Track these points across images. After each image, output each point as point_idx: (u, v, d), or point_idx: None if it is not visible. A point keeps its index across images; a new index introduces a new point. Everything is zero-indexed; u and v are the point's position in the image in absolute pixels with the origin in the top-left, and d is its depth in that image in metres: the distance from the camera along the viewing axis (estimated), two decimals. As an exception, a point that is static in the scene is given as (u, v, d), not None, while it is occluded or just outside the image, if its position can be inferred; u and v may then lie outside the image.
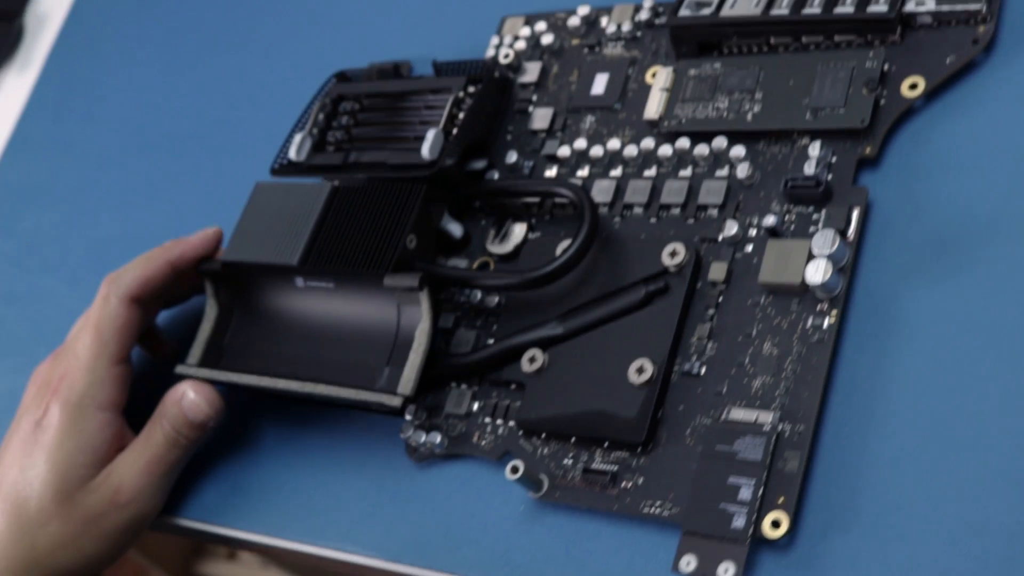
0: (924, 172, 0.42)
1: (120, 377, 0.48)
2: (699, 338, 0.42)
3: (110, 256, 0.60)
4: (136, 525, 0.48)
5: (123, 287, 0.49)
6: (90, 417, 0.47)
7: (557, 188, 0.46)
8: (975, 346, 0.38)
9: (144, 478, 0.47)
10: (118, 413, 0.49)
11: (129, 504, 0.47)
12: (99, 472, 0.47)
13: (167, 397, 0.48)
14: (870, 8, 0.43)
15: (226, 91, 0.63)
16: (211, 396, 0.48)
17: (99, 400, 0.48)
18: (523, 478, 0.42)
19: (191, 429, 0.48)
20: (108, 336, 0.48)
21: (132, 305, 0.49)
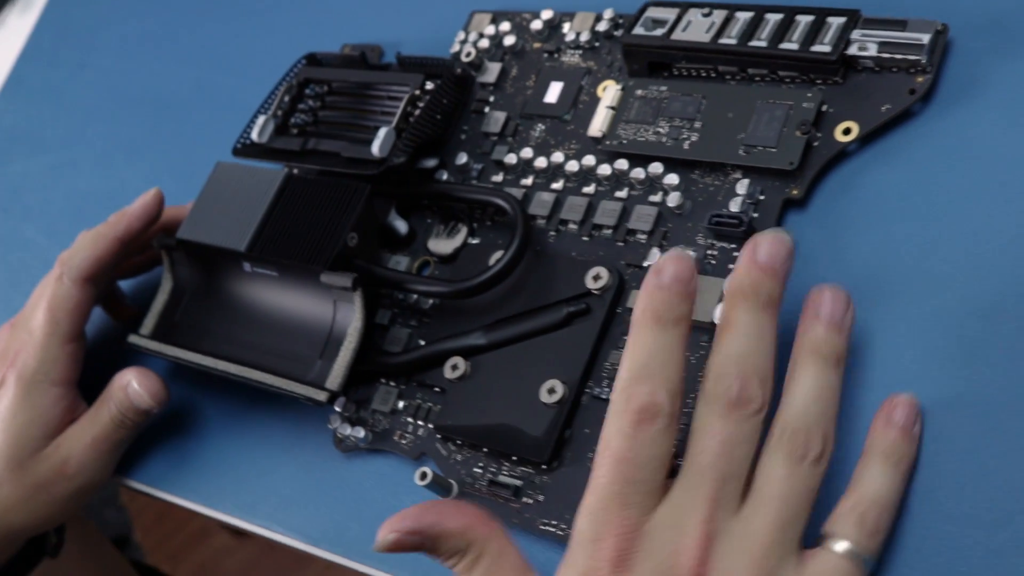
0: (848, 218, 0.42)
1: (73, 354, 0.51)
2: (612, 364, 0.43)
3: (88, 210, 0.63)
4: (82, 493, 0.51)
5: (75, 269, 0.51)
6: (43, 392, 0.50)
7: (495, 198, 0.47)
8: (879, 397, 0.39)
9: (90, 453, 0.50)
10: (71, 387, 0.51)
11: (76, 476, 0.50)
12: (50, 443, 0.50)
13: (115, 381, 0.50)
14: (814, 47, 0.43)
15: (214, 57, 0.64)
16: (154, 388, 0.50)
17: (52, 376, 0.50)
18: (431, 484, 0.43)
19: (135, 414, 0.50)
20: (61, 316, 0.50)
21: (84, 285, 0.51)
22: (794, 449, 0.36)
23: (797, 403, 0.37)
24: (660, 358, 0.36)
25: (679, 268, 0.37)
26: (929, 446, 0.38)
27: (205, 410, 0.53)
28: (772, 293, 0.37)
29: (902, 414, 0.37)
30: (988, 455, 0.37)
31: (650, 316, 0.37)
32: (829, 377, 0.37)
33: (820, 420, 0.36)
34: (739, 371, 0.36)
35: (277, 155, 0.52)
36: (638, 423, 0.36)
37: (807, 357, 0.37)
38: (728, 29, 0.45)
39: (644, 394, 0.36)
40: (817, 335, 0.37)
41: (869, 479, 0.36)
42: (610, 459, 0.36)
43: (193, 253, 0.52)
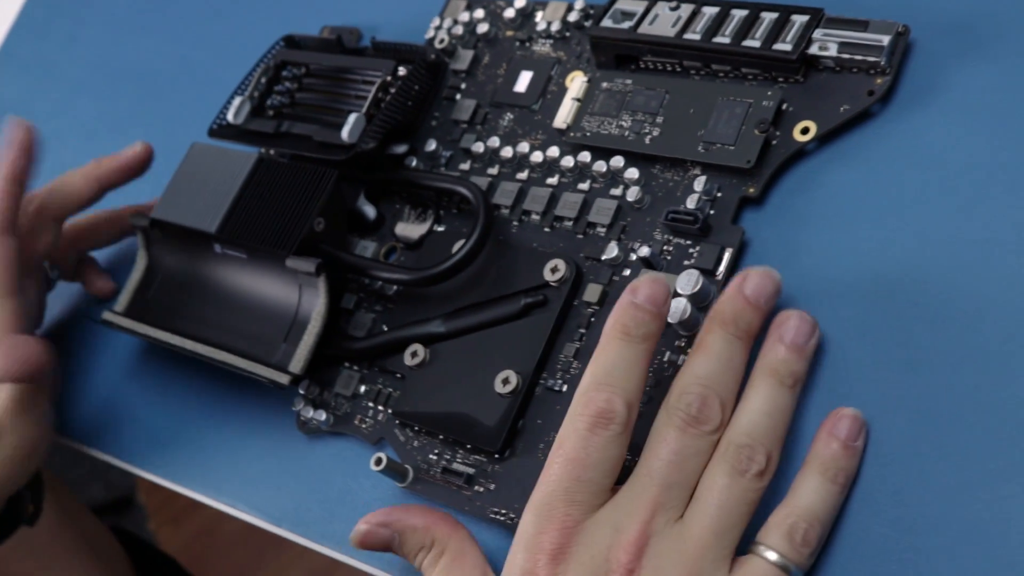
0: (803, 217, 0.43)
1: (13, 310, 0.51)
2: (566, 356, 0.44)
3: (72, 184, 0.63)
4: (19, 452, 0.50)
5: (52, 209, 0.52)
6: None
7: (459, 187, 0.48)
8: (820, 398, 0.39)
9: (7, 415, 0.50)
10: None
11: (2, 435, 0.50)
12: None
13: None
14: (776, 45, 0.43)
15: (199, 34, 0.65)
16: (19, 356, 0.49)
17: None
18: (386, 469, 0.44)
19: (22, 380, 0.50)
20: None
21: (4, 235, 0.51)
22: (738, 462, 0.37)
23: (746, 419, 0.38)
24: (623, 368, 0.38)
25: (654, 290, 0.39)
26: (870, 449, 0.38)
27: (176, 388, 0.54)
28: (751, 325, 0.39)
29: (845, 428, 0.38)
30: (927, 460, 0.37)
31: (620, 329, 0.38)
32: (782, 398, 0.38)
33: (766, 437, 0.37)
34: (702, 391, 0.38)
35: (251, 137, 0.53)
36: (593, 426, 0.37)
37: (764, 376, 0.39)
38: (694, 24, 0.45)
39: (602, 400, 0.38)
40: (777, 356, 0.39)
41: (805, 491, 0.37)
42: (562, 458, 0.38)
43: (167, 233, 0.53)
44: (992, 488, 0.36)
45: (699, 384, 0.38)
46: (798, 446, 0.39)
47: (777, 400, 0.38)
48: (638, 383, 0.38)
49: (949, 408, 0.37)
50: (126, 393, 0.55)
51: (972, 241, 0.39)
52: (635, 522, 0.37)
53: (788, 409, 0.38)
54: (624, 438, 0.38)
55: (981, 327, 0.38)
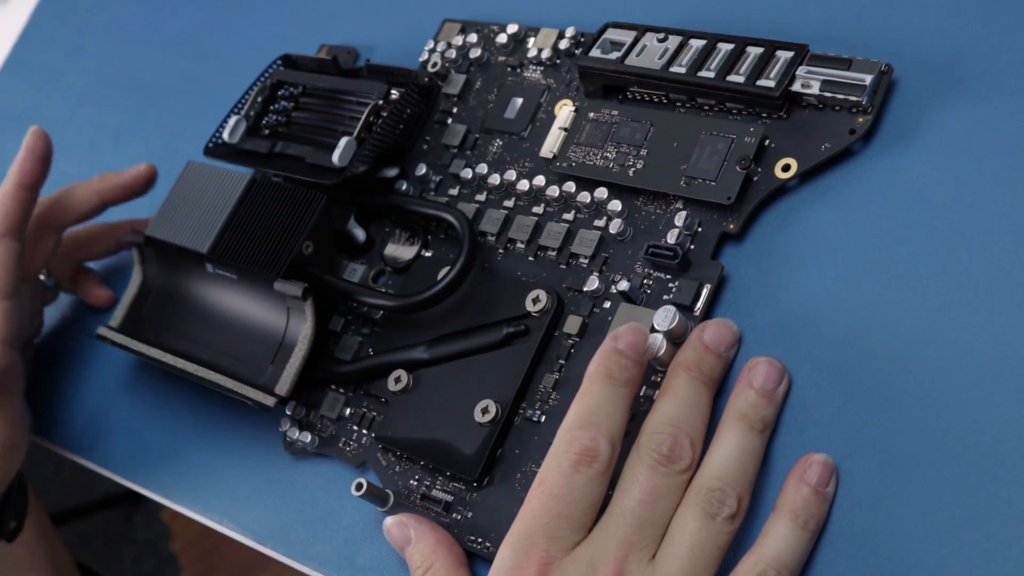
0: (782, 255, 0.43)
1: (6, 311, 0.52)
2: (545, 387, 0.44)
3: (74, 195, 0.64)
4: None
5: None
6: None
7: (445, 215, 0.48)
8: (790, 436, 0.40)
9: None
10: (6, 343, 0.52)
11: None
12: None
13: None
14: (759, 82, 0.44)
15: (202, 48, 0.65)
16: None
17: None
18: (367, 495, 0.45)
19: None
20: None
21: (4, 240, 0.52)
22: (709, 505, 0.38)
23: (717, 463, 0.39)
24: (606, 409, 0.39)
25: (635, 338, 0.40)
26: (840, 490, 0.38)
27: (168, 403, 0.55)
28: (714, 371, 0.40)
29: (815, 474, 0.38)
30: (895, 504, 0.37)
31: (603, 372, 0.40)
32: (752, 442, 0.39)
33: (737, 481, 0.38)
34: (673, 431, 0.39)
35: (246, 157, 0.54)
36: (577, 464, 0.38)
37: (734, 421, 0.39)
38: (680, 57, 0.46)
39: (587, 439, 0.39)
40: (747, 401, 0.39)
41: (775, 538, 0.37)
42: (544, 494, 0.38)
43: (161, 250, 0.54)
44: (957, 534, 0.36)
45: (669, 424, 0.39)
46: (768, 489, 0.39)
47: (747, 444, 0.39)
48: (620, 425, 0.39)
49: (918, 452, 0.38)
50: (120, 406, 0.56)
51: (947, 284, 0.39)
52: (609, 561, 0.37)
53: (758, 453, 0.39)
54: (606, 477, 0.39)
55: (953, 371, 0.38)
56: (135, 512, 1.61)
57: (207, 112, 0.61)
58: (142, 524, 1.60)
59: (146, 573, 1.57)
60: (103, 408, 0.57)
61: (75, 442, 0.57)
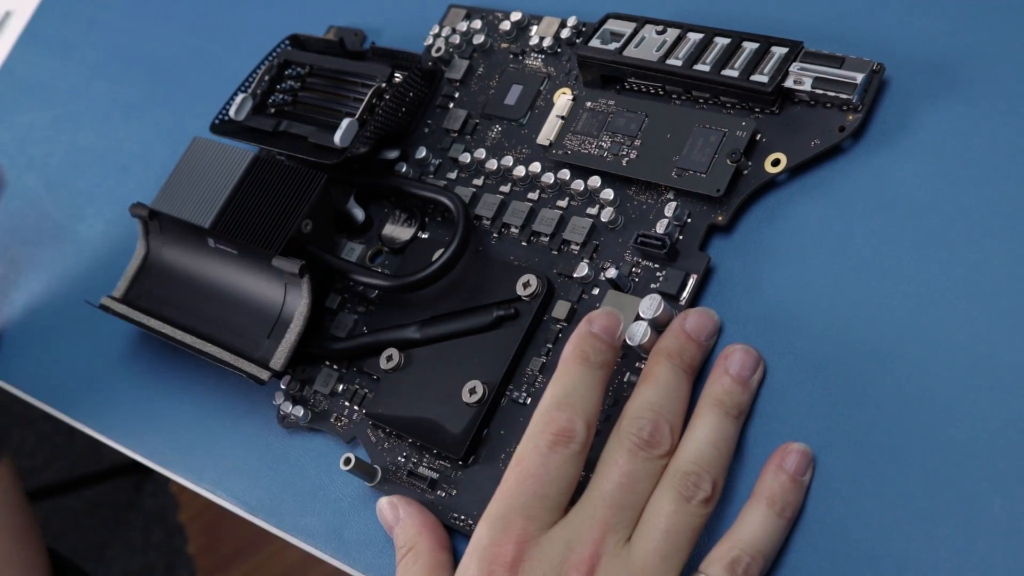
0: (768, 248, 0.44)
1: None
2: (532, 369, 0.45)
3: (84, 166, 0.66)
4: None
5: None
6: None
7: (441, 197, 0.49)
8: (770, 427, 0.41)
9: None
10: None
11: None
12: None
13: None
14: (753, 77, 0.44)
15: (213, 25, 0.66)
16: None
17: None
18: (355, 469, 0.46)
19: None
20: None
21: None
22: (684, 488, 0.38)
23: (692, 447, 0.39)
24: (581, 391, 0.40)
25: (608, 322, 0.41)
26: (815, 481, 0.39)
27: (167, 373, 0.56)
28: (694, 359, 0.41)
29: (793, 462, 0.39)
30: (868, 496, 0.38)
31: (579, 355, 0.40)
32: (727, 427, 0.40)
33: (712, 465, 0.39)
34: (653, 416, 0.40)
35: (251, 134, 0.55)
36: (553, 444, 0.39)
37: (709, 407, 0.40)
38: (677, 50, 0.46)
39: (563, 419, 0.39)
40: (722, 387, 0.40)
41: (750, 523, 0.38)
42: (521, 473, 0.39)
43: (165, 224, 0.55)
44: (928, 527, 0.37)
45: (650, 410, 0.40)
46: (744, 477, 0.40)
47: (722, 430, 0.39)
48: (596, 406, 0.40)
49: (893, 445, 0.38)
50: (120, 375, 0.57)
51: (928, 282, 0.40)
52: (587, 542, 0.38)
53: (733, 438, 0.40)
54: (581, 457, 0.40)
55: (930, 368, 0.39)
56: (144, 482, 1.63)
57: (216, 89, 0.62)
58: (150, 494, 1.62)
59: (154, 542, 1.59)
60: (104, 376, 0.58)
61: (75, 407, 0.58)
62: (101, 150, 0.65)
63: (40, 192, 0.66)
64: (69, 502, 1.60)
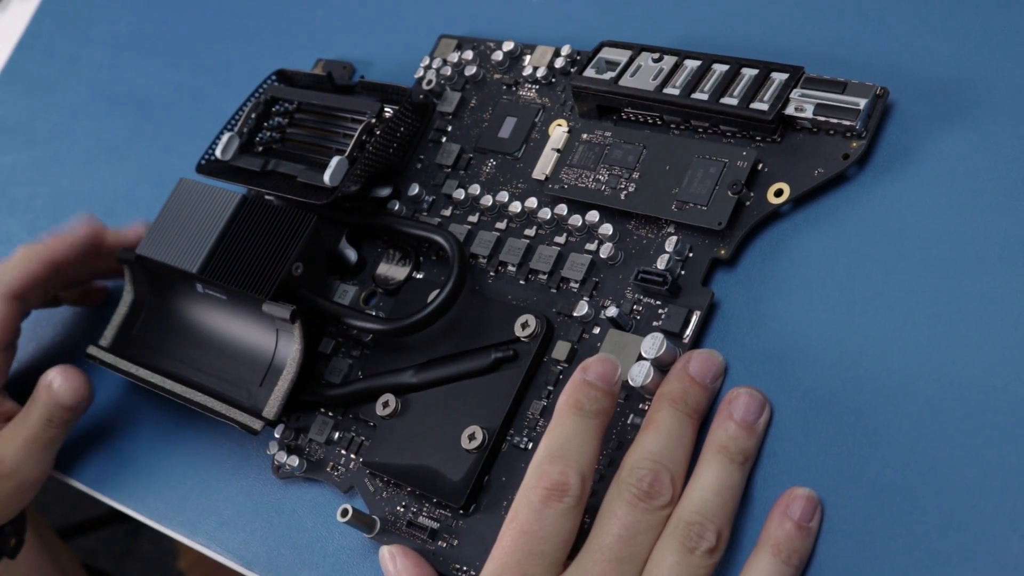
0: (773, 282, 0.44)
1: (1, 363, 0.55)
2: (533, 413, 0.46)
3: (68, 208, 0.66)
4: (21, 491, 0.55)
5: (5, 285, 0.55)
6: None
7: (436, 237, 0.50)
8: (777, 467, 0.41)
9: (23, 452, 0.54)
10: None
11: (12, 475, 0.54)
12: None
13: (40, 381, 0.55)
14: (753, 105, 0.45)
15: (198, 61, 0.67)
16: (76, 384, 0.54)
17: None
18: (352, 521, 0.47)
19: (63, 411, 0.54)
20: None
21: (13, 301, 0.55)
22: (687, 539, 0.39)
23: (696, 496, 0.40)
24: (576, 442, 0.40)
25: (604, 368, 0.41)
26: (825, 524, 0.40)
27: (158, 424, 0.57)
28: (699, 403, 0.42)
29: (799, 508, 0.39)
30: (880, 537, 0.38)
31: (572, 404, 0.41)
32: (732, 475, 0.40)
33: (716, 515, 0.39)
34: (653, 466, 0.40)
35: (238, 175, 0.55)
36: (547, 499, 0.40)
37: (714, 454, 0.41)
38: (674, 78, 0.47)
39: (556, 473, 0.40)
40: (727, 433, 0.41)
41: (757, 572, 0.39)
42: (516, 530, 0.40)
43: (152, 269, 0.55)
44: (943, 569, 0.37)
45: (650, 459, 0.40)
46: (751, 522, 0.41)
47: (727, 478, 0.40)
48: (592, 457, 0.41)
49: (904, 485, 0.39)
50: (108, 426, 0.58)
51: (937, 315, 0.40)
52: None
53: (738, 486, 0.40)
54: (577, 511, 0.40)
55: (941, 404, 0.39)
56: (141, 528, 1.63)
57: (202, 126, 0.62)
58: (149, 540, 1.62)
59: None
60: (92, 428, 0.59)
61: (61, 461, 0.59)
62: (85, 191, 0.66)
63: (23, 236, 0.67)
64: (63, 551, 1.61)
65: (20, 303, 0.56)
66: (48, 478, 0.56)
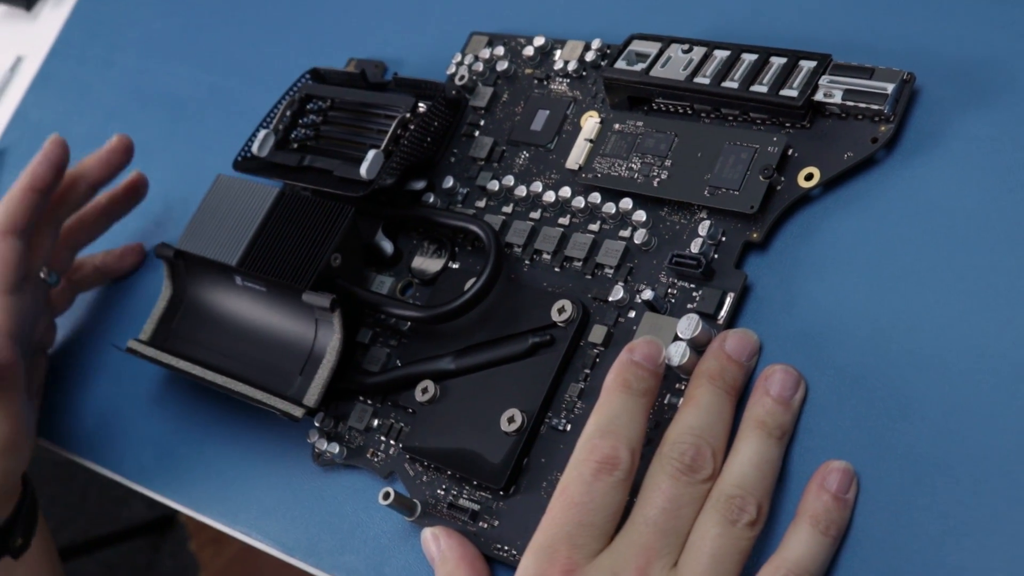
0: (805, 264, 0.46)
1: (11, 305, 0.57)
2: (571, 396, 0.47)
3: (104, 210, 0.68)
4: None
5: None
6: None
7: (472, 226, 0.51)
8: (813, 442, 0.42)
9: None
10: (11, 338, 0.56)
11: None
12: None
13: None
14: (782, 91, 0.46)
15: (230, 62, 0.69)
16: None
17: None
18: (394, 504, 0.48)
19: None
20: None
21: (10, 237, 0.57)
22: (729, 512, 0.40)
23: (736, 470, 0.41)
24: (625, 419, 0.42)
25: (650, 350, 0.43)
26: (861, 496, 0.41)
27: (197, 416, 0.58)
28: (736, 380, 0.43)
29: (835, 480, 0.41)
30: (917, 509, 0.40)
31: (621, 383, 0.43)
32: (771, 449, 0.42)
33: (756, 488, 0.41)
34: (695, 440, 0.42)
35: (275, 170, 0.57)
36: (597, 472, 0.41)
37: (752, 429, 0.42)
38: (704, 68, 0.49)
39: (607, 447, 0.42)
40: (764, 409, 0.42)
41: (795, 543, 0.40)
42: (566, 502, 0.41)
43: (191, 263, 0.57)
44: (979, 539, 0.38)
45: (691, 434, 0.42)
46: (789, 496, 0.42)
47: (765, 452, 0.41)
48: (639, 432, 0.42)
49: (940, 457, 0.40)
50: (149, 419, 0.59)
51: (968, 292, 0.42)
52: (631, 569, 0.40)
53: (776, 460, 0.42)
54: (626, 484, 0.42)
55: (974, 377, 0.40)
56: (162, 542, 1.65)
57: (236, 127, 0.64)
58: (169, 554, 1.64)
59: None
60: (132, 421, 0.60)
61: (105, 456, 0.60)
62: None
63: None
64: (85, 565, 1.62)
65: (16, 238, 0.57)
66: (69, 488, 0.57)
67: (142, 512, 1.60)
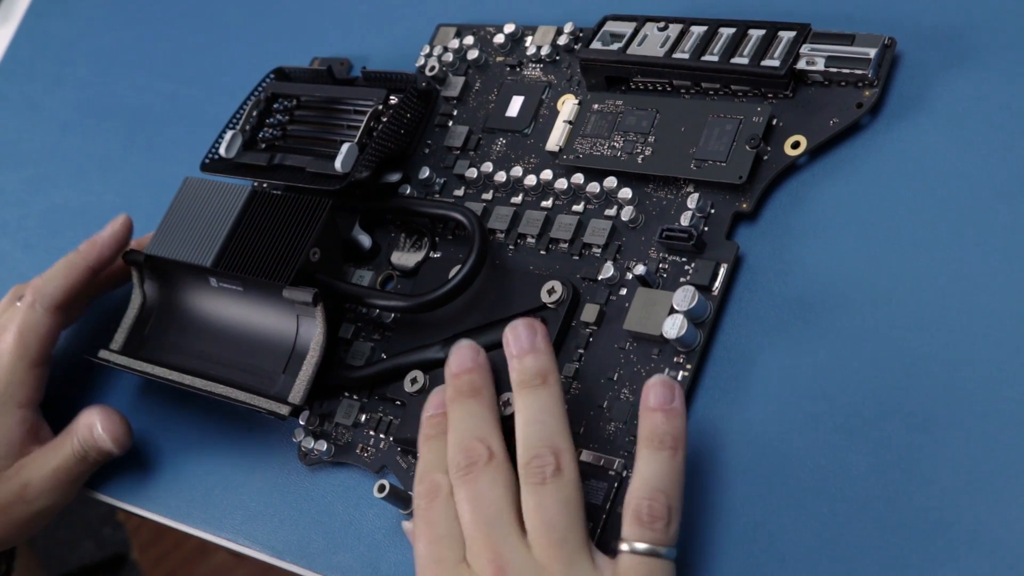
0: (796, 231, 0.45)
1: (39, 378, 0.55)
2: (565, 377, 0.46)
3: (62, 225, 0.66)
4: (39, 518, 0.55)
5: (48, 297, 0.55)
6: (8, 413, 0.54)
7: (454, 213, 0.50)
8: (817, 406, 0.42)
9: (50, 481, 0.53)
10: (34, 410, 0.55)
11: (34, 501, 0.53)
12: (12, 465, 0.53)
13: (81, 417, 0.54)
14: (764, 62, 0.46)
15: (188, 70, 0.67)
16: (117, 432, 0.54)
17: (18, 398, 0.54)
18: (389, 496, 0.46)
19: (97, 453, 0.54)
20: (31, 341, 0.54)
21: (56, 313, 0.55)
22: (532, 476, 0.40)
23: (519, 434, 0.42)
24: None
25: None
26: (872, 450, 0.40)
27: (175, 424, 0.56)
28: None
29: (656, 395, 0.40)
30: (928, 464, 0.39)
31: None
32: (539, 398, 0.42)
33: (541, 440, 0.41)
34: (462, 443, 0.42)
35: (244, 170, 0.56)
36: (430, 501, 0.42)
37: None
38: (682, 44, 0.48)
39: (429, 482, 0.43)
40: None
41: (639, 469, 0.40)
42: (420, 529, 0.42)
43: (161, 268, 0.55)
44: (993, 489, 0.38)
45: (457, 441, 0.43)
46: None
47: (533, 402, 0.42)
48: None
49: (944, 413, 0.39)
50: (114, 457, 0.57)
51: (962, 249, 0.41)
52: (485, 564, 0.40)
53: (548, 408, 0.42)
54: (451, 501, 0.42)
55: (973, 333, 0.40)
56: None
57: (199, 134, 0.62)
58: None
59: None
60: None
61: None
62: (80, 206, 0.66)
63: (16, 256, 0.67)
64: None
65: (63, 315, 0.56)
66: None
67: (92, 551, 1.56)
